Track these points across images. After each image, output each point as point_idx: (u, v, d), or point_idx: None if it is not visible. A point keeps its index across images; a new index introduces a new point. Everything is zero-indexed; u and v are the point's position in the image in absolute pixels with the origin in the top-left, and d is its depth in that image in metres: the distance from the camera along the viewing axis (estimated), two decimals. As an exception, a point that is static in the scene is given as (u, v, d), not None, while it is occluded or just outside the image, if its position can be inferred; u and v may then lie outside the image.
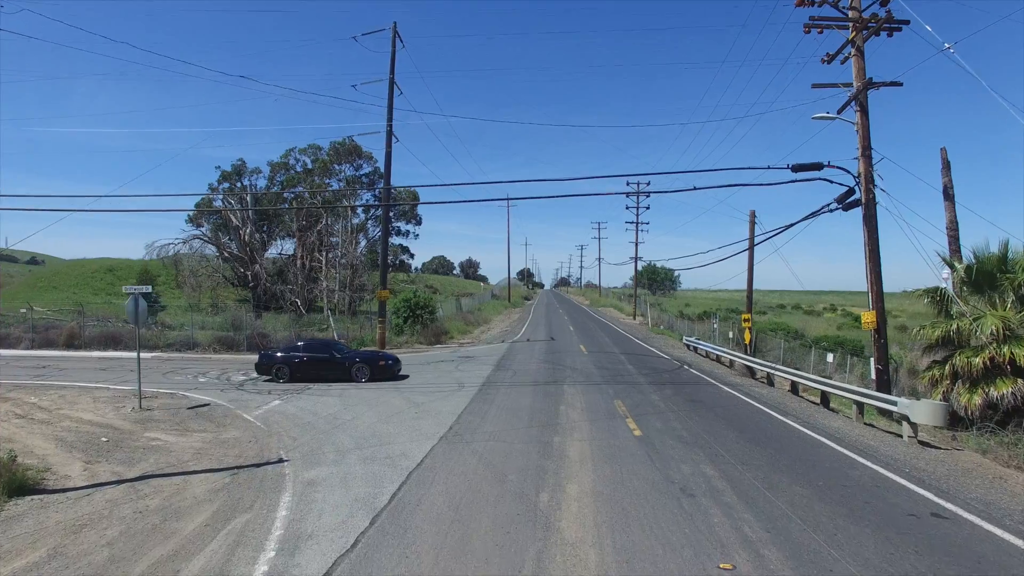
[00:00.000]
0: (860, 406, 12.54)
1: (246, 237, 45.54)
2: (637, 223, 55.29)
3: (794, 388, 16.16)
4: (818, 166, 15.55)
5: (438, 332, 34.70)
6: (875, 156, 15.41)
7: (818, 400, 14.88)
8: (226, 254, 46.19)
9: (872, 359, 14.94)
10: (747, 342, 20.72)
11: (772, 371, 17.25)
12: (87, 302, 44.88)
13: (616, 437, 10.63)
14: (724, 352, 21.93)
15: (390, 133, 28.39)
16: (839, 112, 15.78)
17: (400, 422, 12.34)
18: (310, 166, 59.92)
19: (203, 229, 51.35)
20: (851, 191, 15.78)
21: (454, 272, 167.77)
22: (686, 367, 21.19)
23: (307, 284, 47.66)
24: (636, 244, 55.18)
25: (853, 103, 15.47)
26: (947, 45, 12.58)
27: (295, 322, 37.74)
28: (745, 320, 21.14)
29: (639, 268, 61.42)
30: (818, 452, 9.78)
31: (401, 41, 28.59)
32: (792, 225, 18.03)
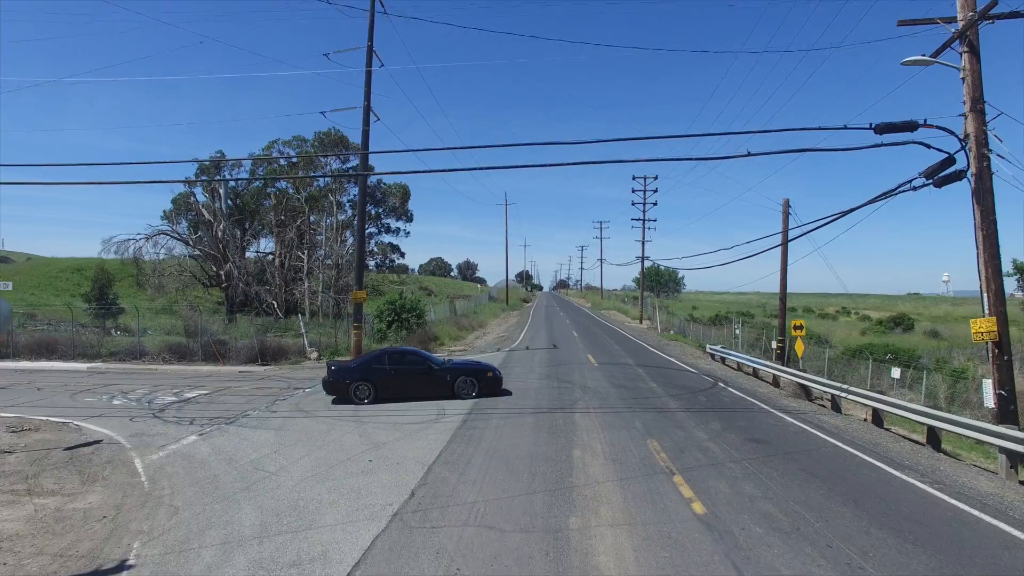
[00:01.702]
0: (1011, 457, 8.70)
1: (219, 233, 41.66)
2: (644, 220, 51.51)
3: (876, 418, 12.34)
4: (911, 126, 11.73)
5: (426, 338, 30.87)
6: (988, 112, 11.62)
7: (921, 438, 11.07)
8: (198, 252, 42.32)
9: (990, 382, 11.11)
10: (799, 355, 16.96)
11: (841, 394, 13.42)
12: (44, 304, 41.02)
13: (667, 517, 6.79)
14: (765, 366, 18.12)
15: (368, 110, 24.59)
16: (935, 55, 11.99)
17: (342, 479, 8.50)
18: (294, 159, 56.37)
19: (181, 225, 47.74)
20: (948, 160, 11.97)
21: (451, 274, 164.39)
22: (720, 384, 17.36)
23: (287, 285, 43.83)
24: (643, 242, 51.38)
25: (958, 42, 11.68)
26: None
27: (265, 328, 33.96)
28: (796, 328, 17.36)
29: (643, 271, 57.61)
30: (1017, 556, 5.94)
31: (382, 5, 24.84)
32: (853, 210, 14.23)
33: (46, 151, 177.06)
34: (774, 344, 20.28)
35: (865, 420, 12.82)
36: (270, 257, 46.67)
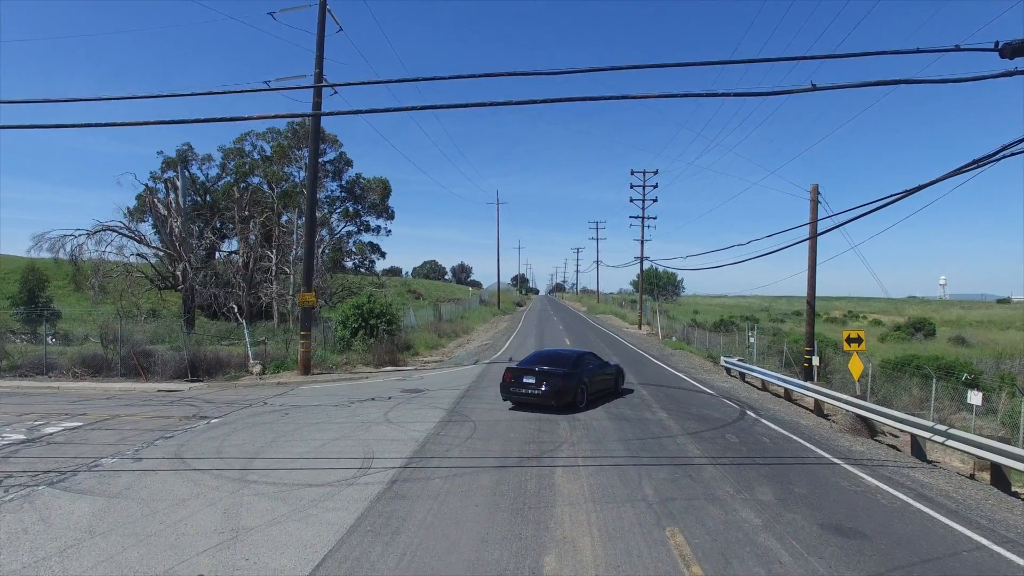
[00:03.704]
0: None
1: (175, 229, 37.64)
2: (643, 217, 47.73)
3: (998, 476, 8.48)
4: (1057, 44, 7.94)
5: (399, 347, 27.01)
6: None
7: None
8: (152, 250, 38.25)
9: None
10: (856, 376, 13.05)
11: (933, 436, 9.53)
12: (-22, 308, 36.94)
13: None
14: (803, 388, 14.24)
15: (320, 77, 20.74)
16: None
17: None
18: (268, 152, 52.55)
19: (146, 224, 43.76)
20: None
21: (446, 277, 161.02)
22: (749, 413, 13.48)
23: (251, 287, 39.76)
24: (642, 241, 47.54)
25: None
26: None
27: (221, 335, 30.10)
28: (850, 341, 13.36)
29: (641, 272, 53.74)
30: None
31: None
32: (927, 185, 10.41)
33: (42, 155, 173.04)
34: (816, 360, 16.37)
35: (971, 476, 8.97)
36: (235, 257, 42.67)
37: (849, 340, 13.35)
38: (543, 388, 12.82)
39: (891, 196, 11.71)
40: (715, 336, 32.57)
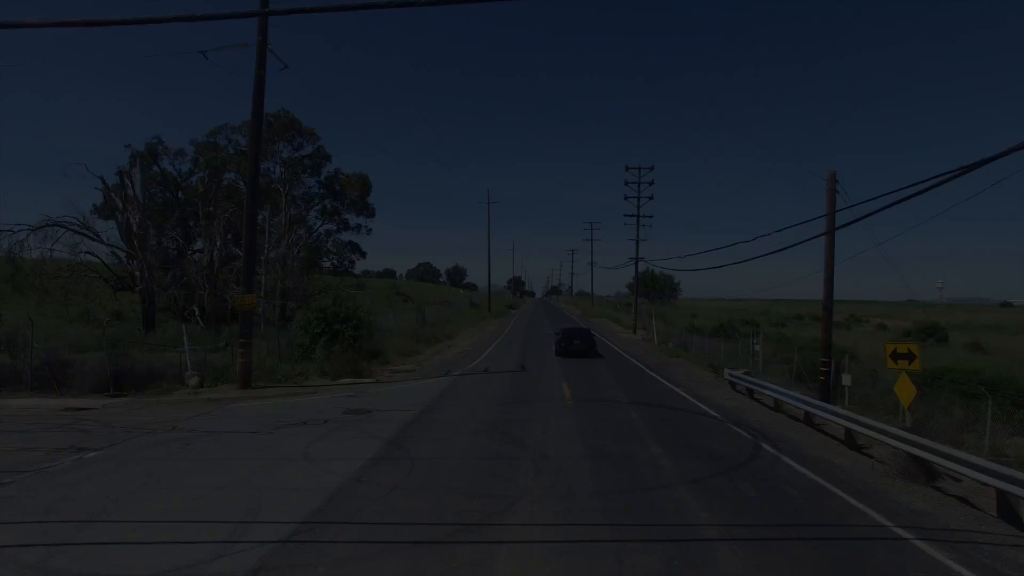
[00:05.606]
0: None
1: (134, 226, 34.85)
2: (639, 216, 45.06)
3: None
4: None
5: (366, 355, 24.25)
6: None
7: None
8: (109, 248, 35.41)
9: None
10: (907, 404, 10.27)
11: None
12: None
13: None
14: (831, 413, 11.48)
15: (264, 45, 18.03)
16: None
17: None
18: (243, 146, 49.78)
19: (120, 221, 40.99)
20: None
21: (440, 280, 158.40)
22: (765, 447, 10.74)
23: (215, 288, 36.93)
24: (637, 240, 44.85)
25: None
26: None
27: (177, 340, 27.26)
28: (896, 357, 10.49)
29: (637, 273, 51.04)
30: None
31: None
32: (996, 158, 7.81)
33: (38, 155, 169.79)
34: (847, 379, 13.63)
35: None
36: (199, 255, 39.85)
37: (896, 356, 10.54)
38: (583, 344, 25.37)
39: (939, 176, 9.08)
40: (715, 342, 29.94)
